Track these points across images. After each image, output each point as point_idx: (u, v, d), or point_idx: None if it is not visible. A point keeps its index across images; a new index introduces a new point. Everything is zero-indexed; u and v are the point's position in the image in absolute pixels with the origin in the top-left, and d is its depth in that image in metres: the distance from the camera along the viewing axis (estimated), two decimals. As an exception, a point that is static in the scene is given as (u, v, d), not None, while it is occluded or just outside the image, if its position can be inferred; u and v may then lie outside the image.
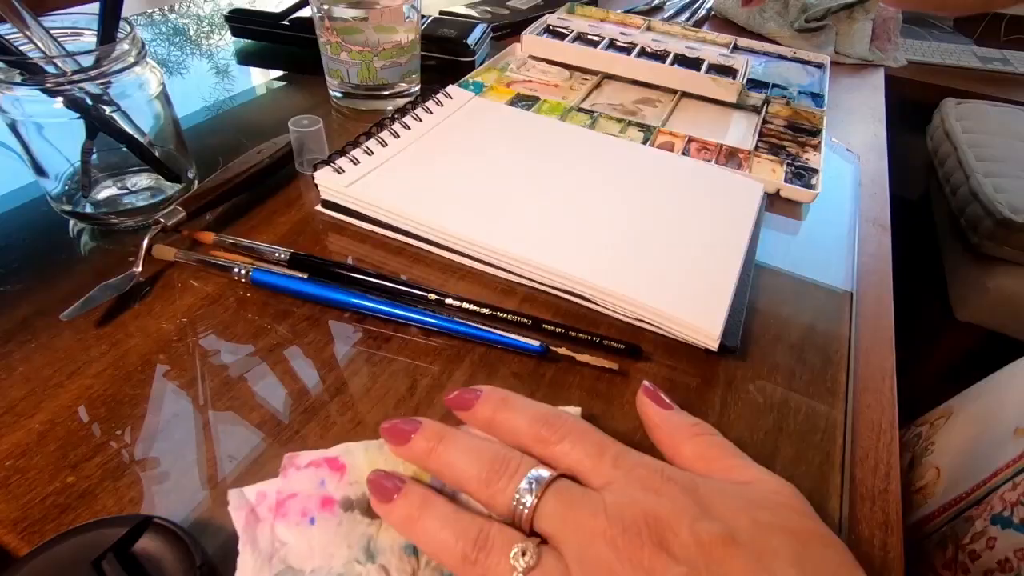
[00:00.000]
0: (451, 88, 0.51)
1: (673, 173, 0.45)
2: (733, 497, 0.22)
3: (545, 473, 0.22)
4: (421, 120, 0.47)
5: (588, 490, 0.22)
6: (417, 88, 0.57)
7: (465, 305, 0.34)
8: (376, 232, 0.41)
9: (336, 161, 0.41)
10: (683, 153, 0.50)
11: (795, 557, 0.20)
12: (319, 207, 0.42)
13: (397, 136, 0.45)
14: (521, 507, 0.22)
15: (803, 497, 0.23)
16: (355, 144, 0.43)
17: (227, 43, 0.68)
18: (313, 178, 0.41)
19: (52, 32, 0.36)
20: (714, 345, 0.33)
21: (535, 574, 0.21)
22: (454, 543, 0.22)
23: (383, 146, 0.44)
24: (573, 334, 0.33)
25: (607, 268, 0.36)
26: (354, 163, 0.42)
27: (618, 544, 0.20)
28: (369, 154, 0.43)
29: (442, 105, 0.49)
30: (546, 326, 0.34)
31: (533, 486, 0.22)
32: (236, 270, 0.35)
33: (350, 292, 0.35)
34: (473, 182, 0.42)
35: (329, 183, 0.40)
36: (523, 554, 0.21)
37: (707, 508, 0.22)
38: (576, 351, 0.32)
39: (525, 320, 0.34)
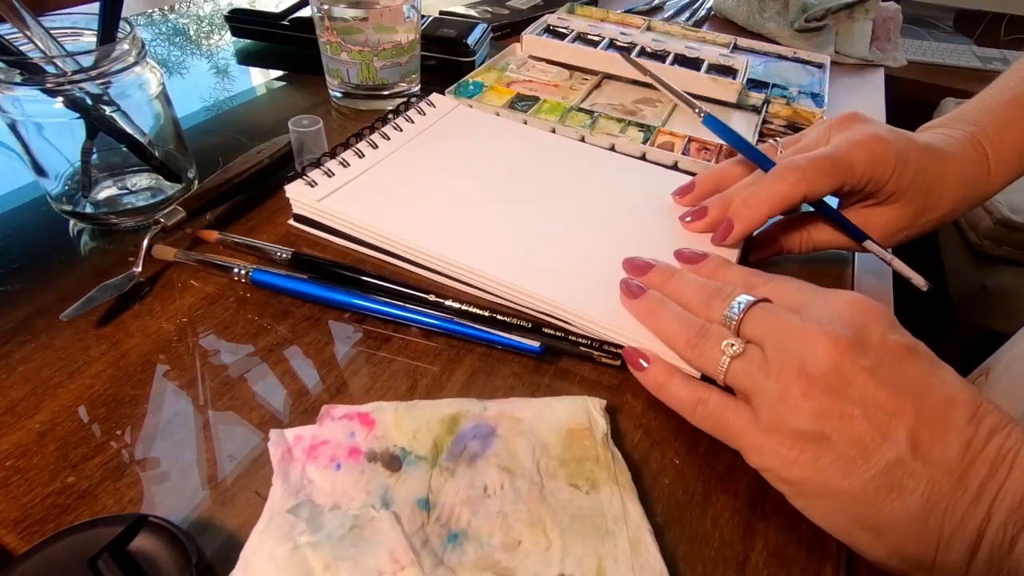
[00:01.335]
0: (434, 96, 0.51)
1: (663, 188, 0.43)
2: (890, 337, 0.26)
3: (751, 297, 0.29)
4: (401, 130, 0.46)
5: (788, 311, 0.27)
6: (417, 88, 0.57)
7: (465, 307, 0.34)
8: (348, 246, 0.39)
9: (309, 174, 0.40)
10: (683, 153, 0.50)
11: (955, 372, 0.25)
12: (291, 221, 0.41)
13: (375, 147, 0.44)
14: (731, 318, 0.28)
15: None
16: (331, 155, 0.42)
17: (227, 43, 0.68)
18: (285, 191, 0.40)
19: (52, 32, 0.36)
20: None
21: (738, 360, 0.27)
22: (680, 331, 0.29)
23: (360, 157, 0.43)
24: (573, 338, 0.33)
25: (589, 292, 0.34)
26: (328, 176, 0.41)
27: (811, 337, 0.25)
28: (345, 166, 0.42)
29: (424, 114, 0.48)
30: (546, 330, 0.33)
31: (741, 304, 0.28)
32: (236, 270, 0.35)
33: (350, 292, 0.35)
34: (449, 197, 0.41)
35: (300, 197, 0.39)
36: (732, 345, 0.27)
37: (894, 326, 0.26)
38: (575, 357, 0.32)
39: (524, 323, 0.34)
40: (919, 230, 0.39)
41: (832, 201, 0.39)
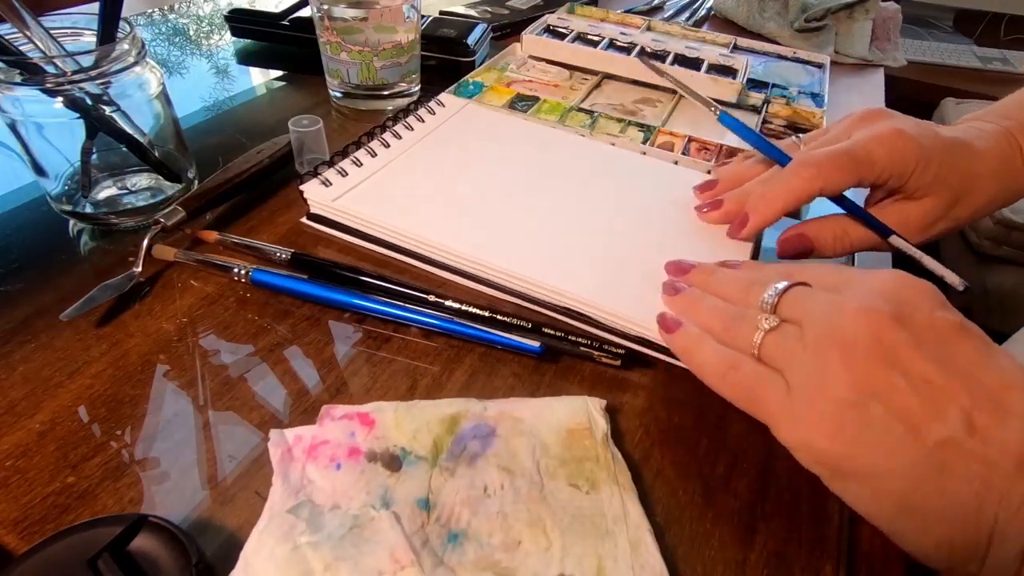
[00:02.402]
0: (443, 96, 0.51)
1: (670, 183, 0.44)
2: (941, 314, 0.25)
3: (788, 281, 0.28)
4: (412, 129, 0.46)
5: (831, 290, 0.26)
6: (417, 88, 0.57)
7: (465, 307, 0.34)
8: (361, 245, 0.40)
9: (323, 173, 0.40)
10: (683, 153, 0.50)
11: (1006, 354, 0.23)
12: (304, 219, 0.41)
13: (387, 146, 0.44)
14: (767, 301, 0.27)
15: None
16: (343, 155, 0.42)
17: (227, 43, 0.68)
18: (301, 192, 0.40)
19: (52, 32, 0.36)
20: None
21: (772, 334, 0.26)
22: (718, 319, 0.29)
23: (372, 157, 0.43)
24: (573, 338, 0.33)
25: (603, 284, 0.35)
26: (342, 175, 0.41)
27: (853, 314, 0.24)
28: (358, 165, 0.42)
29: (434, 113, 0.49)
30: (545, 329, 0.33)
31: (778, 288, 0.27)
32: (236, 270, 0.35)
33: (350, 292, 0.35)
34: (463, 194, 0.41)
35: (316, 196, 0.40)
36: (766, 319, 0.26)
37: (947, 304, 0.24)
38: (575, 356, 0.32)
39: (524, 324, 0.34)
40: (957, 221, 0.37)
41: (859, 198, 0.38)
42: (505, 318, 0.34)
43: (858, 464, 0.22)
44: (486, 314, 0.34)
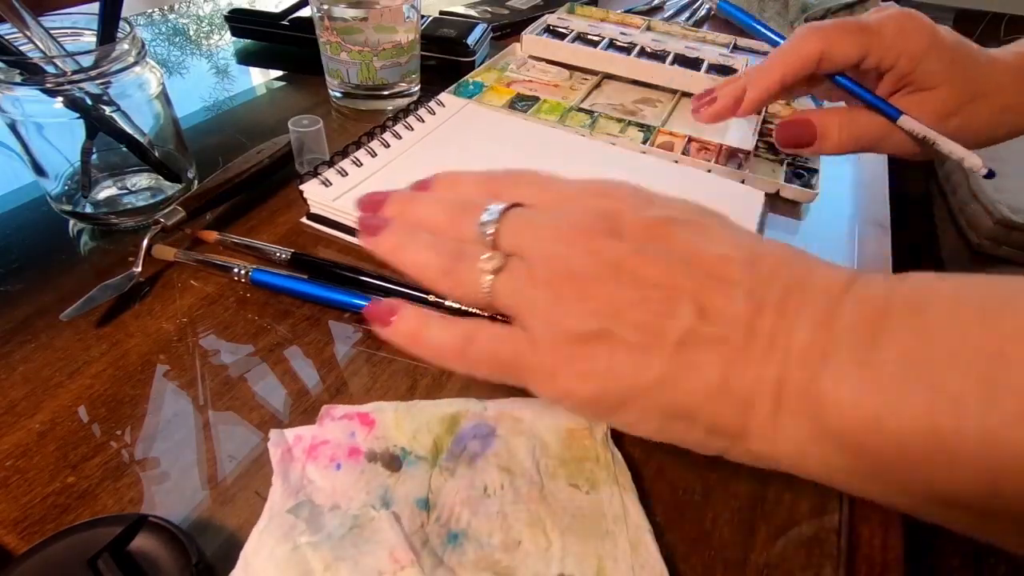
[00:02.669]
0: (443, 96, 0.51)
1: (671, 182, 0.44)
2: (669, 197, 0.25)
3: (502, 204, 0.24)
4: (412, 129, 0.46)
5: (543, 210, 0.24)
6: (417, 88, 0.57)
7: (464, 308, 0.34)
8: (361, 245, 0.40)
9: (323, 173, 0.40)
10: (683, 153, 0.50)
11: (723, 226, 0.24)
12: (304, 219, 0.41)
13: (387, 146, 0.44)
14: (485, 231, 0.24)
15: None
16: (344, 155, 0.42)
17: (227, 43, 0.68)
18: (301, 192, 0.40)
19: (52, 32, 0.36)
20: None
21: (502, 275, 0.23)
22: (434, 259, 0.24)
23: (372, 156, 0.43)
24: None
25: None
26: (342, 175, 0.41)
27: (568, 238, 0.23)
28: (358, 165, 0.42)
29: (434, 113, 0.49)
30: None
31: (493, 214, 0.24)
32: (236, 270, 0.35)
33: (350, 292, 0.35)
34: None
35: (316, 196, 0.40)
36: (491, 259, 0.23)
37: (651, 201, 0.24)
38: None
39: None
40: (972, 123, 0.35)
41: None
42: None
43: (618, 392, 0.21)
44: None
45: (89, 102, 0.37)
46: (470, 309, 0.32)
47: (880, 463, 0.18)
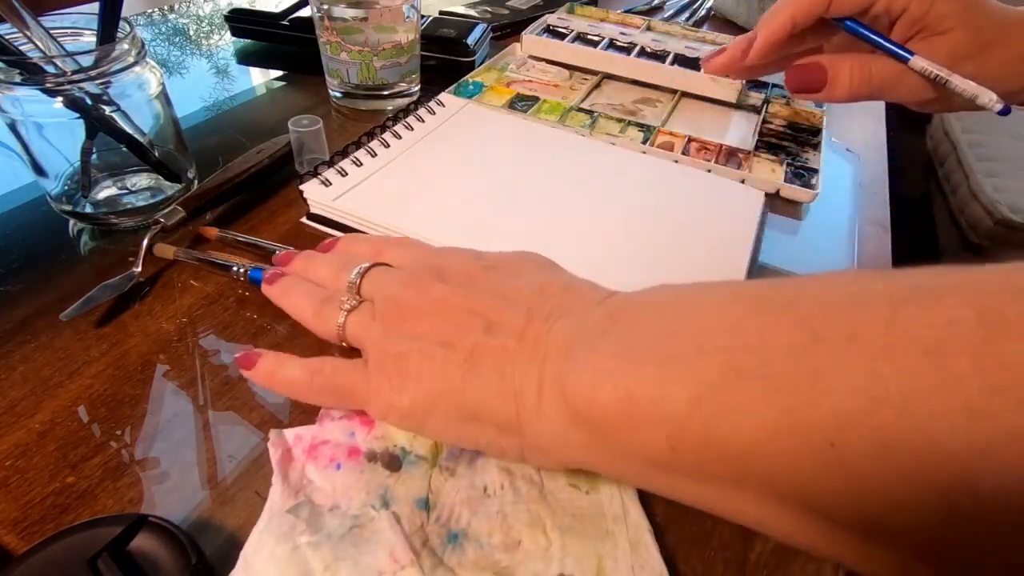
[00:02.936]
0: (443, 96, 0.51)
1: (671, 182, 0.44)
2: (506, 252, 0.30)
3: (369, 262, 0.30)
4: (412, 129, 0.46)
5: (399, 267, 0.30)
6: (417, 88, 0.57)
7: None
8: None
9: (323, 173, 0.40)
10: (683, 153, 0.50)
11: (535, 269, 0.28)
12: (304, 219, 0.41)
13: (387, 146, 0.44)
14: (352, 282, 0.29)
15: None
16: (343, 155, 0.42)
17: (227, 43, 0.68)
18: (301, 192, 0.40)
19: (52, 32, 0.36)
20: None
21: (352, 314, 0.28)
22: (308, 303, 0.30)
23: (372, 156, 0.43)
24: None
25: (604, 282, 0.35)
26: (342, 175, 0.41)
27: (406, 283, 0.28)
28: (358, 165, 0.42)
29: (434, 113, 0.49)
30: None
31: (362, 268, 0.30)
32: (235, 269, 0.35)
33: None
34: (464, 193, 0.41)
35: (316, 196, 0.40)
36: (346, 301, 0.29)
37: (480, 256, 0.29)
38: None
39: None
40: (989, 66, 0.34)
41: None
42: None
43: (425, 399, 0.24)
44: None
45: (89, 102, 0.37)
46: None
47: (601, 432, 0.21)
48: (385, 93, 0.55)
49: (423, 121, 0.48)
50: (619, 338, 0.22)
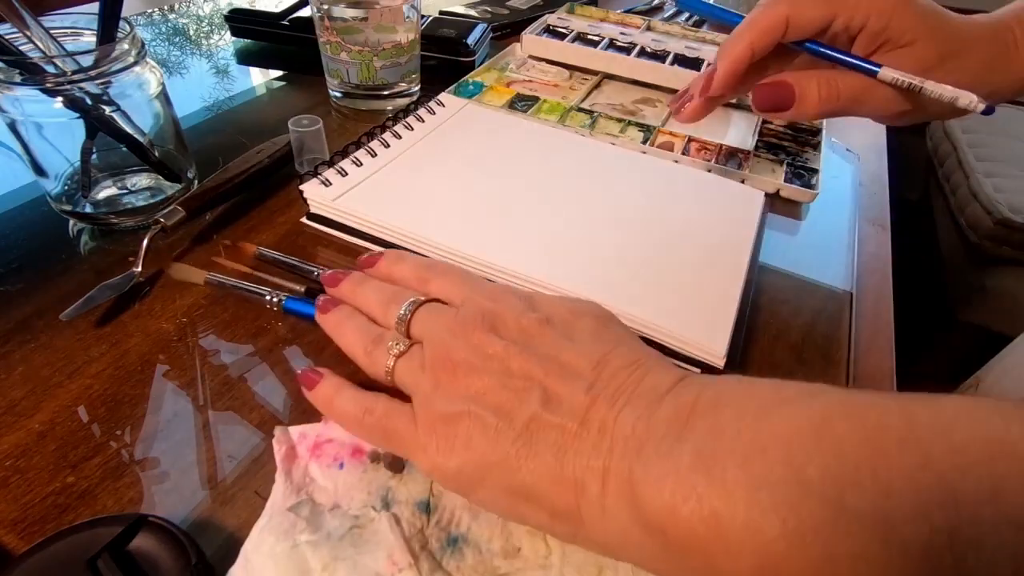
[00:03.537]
0: (443, 96, 0.51)
1: (671, 182, 0.44)
2: (559, 299, 0.29)
3: (420, 298, 0.29)
4: (412, 129, 0.46)
5: (449, 307, 0.29)
6: (417, 88, 0.57)
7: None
8: (361, 245, 0.39)
9: (323, 173, 0.40)
10: (683, 153, 0.50)
11: (593, 330, 0.26)
12: (304, 219, 0.41)
13: (387, 146, 0.44)
14: (400, 320, 0.28)
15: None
16: (343, 154, 0.42)
17: (227, 43, 0.68)
18: (301, 192, 0.40)
19: (52, 32, 0.36)
20: (720, 363, 0.32)
21: (402, 359, 0.27)
22: (359, 341, 0.29)
23: (372, 156, 0.43)
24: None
25: (605, 282, 0.35)
26: (342, 175, 0.41)
27: (456, 332, 0.26)
28: (358, 165, 0.42)
29: (434, 113, 0.49)
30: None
31: (409, 306, 0.29)
32: (268, 297, 0.33)
33: None
34: (465, 193, 0.41)
35: (316, 196, 0.40)
36: (396, 344, 0.28)
37: (535, 306, 0.28)
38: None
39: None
40: (954, 76, 0.34)
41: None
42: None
43: (473, 468, 0.23)
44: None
45: (89, 102, 0.37)
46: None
47: (679, 548, 0.20)
48: (385, 93, 0.55)
49: (423, 121, 0.48)
50: (699, 447, 0.20)
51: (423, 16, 0.62)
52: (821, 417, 0.19)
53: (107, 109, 0.37)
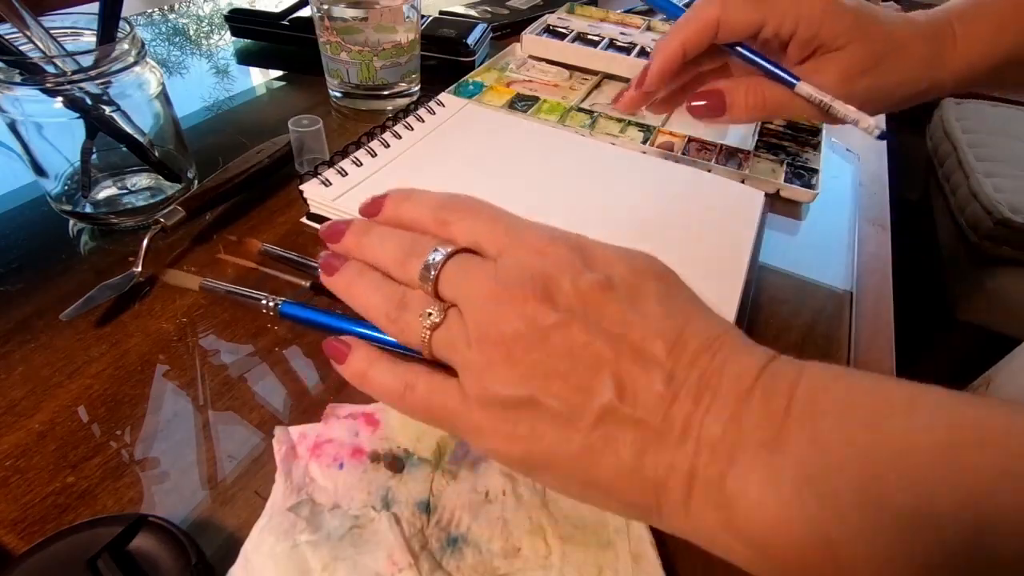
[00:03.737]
0: (443, 96, 0.51)
1: (671, 182, 0.44)
2: (615, 252, 0.25)
3: (446, 249, 0.25)
4: (412, 129, 0.46)
5: (484, 259, 0.25)
6: (417, 88, 0.57)
7: None
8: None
9: (323, 173, 0.40)
10: (683, 153, 0.50)
11: (660, 297, 0.23)
12: (304, 219, 0.41)
13: (387, 146, 0.44)
14: (427, 278, 0.24)
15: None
16: (343, 155, 0.42)
17: (227, 43, 0.68)
18: (301, 192, 0.40)
19: (52, 32, 0.36)
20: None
21: (439, 331, 0.24)
22: (381, 304, 0.25)
23: (372, 156, 0.43)
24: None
25: None
26: (342, 175, 0.41)
27: (503, 298, 0.22)
28: (358, 165, 0.42)
29: (434, 113, 0.49)
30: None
31: (436, 260, 0.24)
32: (265, 302, 0.33)
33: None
34: (464, 193, 0.41)
35: (316, 196, 0.40)
36: (430, 314, 0.24)
37: (589, 262, 0.24)
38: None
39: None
40: (887, 77, 0.35)
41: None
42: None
43: (540, 457, 0.22)
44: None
45: (89, 102, 0.37)
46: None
47: (784, 565, 0.19)
48: (385, 93, 0.55)
49: (423, 121, 0.48)
50: (802, 460, 0.19)
51: (423, 16, 0.62)
52: (945, 428, 0.17)
53: (107, 109, 0.37)
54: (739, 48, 0.36)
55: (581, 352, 0.22)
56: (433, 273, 0.24)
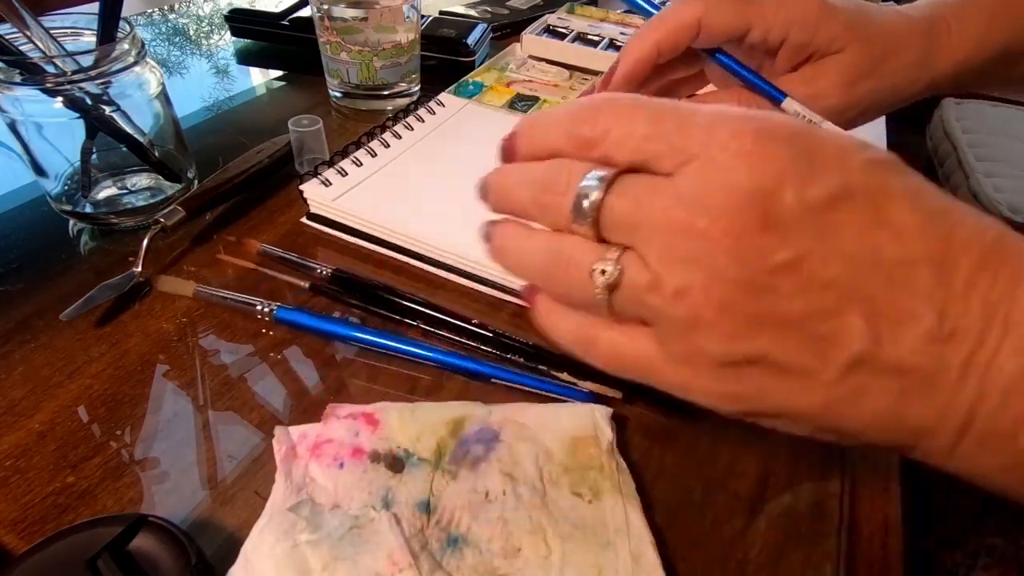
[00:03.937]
0: (443, 96, 0.51)
1: None
2: (833, 137, 0.19)
3: (599, 174, 0.19)
4: (412, 129, 0.47)
5: (657, 179, 0.19)
6: (417, 88, 0.57)
7: (511, 341, 0.32)
8: (361, 245, 0.39)
9: (323, 173, 0.40)
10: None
11: (912, 199, 0.18)
12: (304, 219, 0.41)
13: (387, 146, 0.44)
14: (583, 220, 0.19)
15: None
16: (343, 155, 0.42)
17: (227, 43, 0.68)
18: (301, 192, 0.40)
19: (52, 32, 0.36)
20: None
21: (618, 292, 0.19)
22: (539, 264, 0.21)
23: (372, 156, 0.43)
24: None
25: None
26: (342, 175, 0.41)
27: (706, 236, 0.17)
28: (358, 165, 0.42)
29: (434, 113, 0.49)
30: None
31: (591, 194, 0.19)
32: (259, 307, 0.33)
33: (384, 334, 0.32)
34: (463, 193, 0.41)
35: (316, 196, 0.40)
36: (603, 272, 0.18)
37: (815, 163, 0.18)
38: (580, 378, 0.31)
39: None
40: (889, 78, 0.33)
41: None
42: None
43: (766, 412, 0.19)
44: (531, 342, 0.32)
45: (89, 102, 0.37)
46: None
47: None
48: (385, 93, 0.55)
49: (423, 121, 0.48)
50: None
51: (423, 16, 0.62)
52: None
53: (107, 109, 0.37)
54: (720, 56, 0.33)
55: (820, 293, 0.17)
56: (590, 212, 0.19)
